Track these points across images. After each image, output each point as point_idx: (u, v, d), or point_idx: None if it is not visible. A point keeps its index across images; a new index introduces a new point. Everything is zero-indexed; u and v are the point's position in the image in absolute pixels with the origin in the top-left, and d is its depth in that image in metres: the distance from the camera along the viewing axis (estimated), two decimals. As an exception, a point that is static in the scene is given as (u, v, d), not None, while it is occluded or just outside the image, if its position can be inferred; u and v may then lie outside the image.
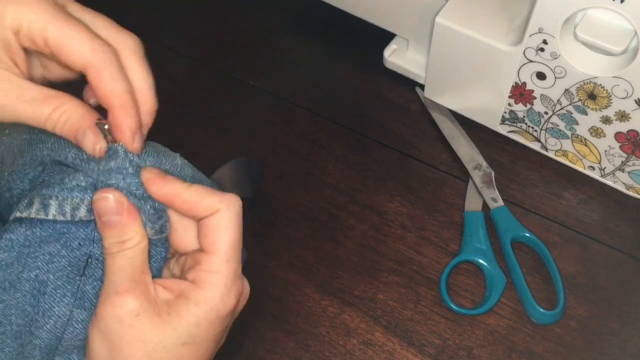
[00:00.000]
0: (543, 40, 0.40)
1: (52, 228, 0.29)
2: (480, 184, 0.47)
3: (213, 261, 0.29)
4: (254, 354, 0.41)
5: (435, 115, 0.50)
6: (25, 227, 0.29)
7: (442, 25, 0.44)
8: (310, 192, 0.48)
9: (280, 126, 0.51)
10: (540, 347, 0.41)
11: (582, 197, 0.46)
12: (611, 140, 0.42)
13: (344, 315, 0.42)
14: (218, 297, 0.29)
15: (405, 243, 0.45)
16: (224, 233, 0.29)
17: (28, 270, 0.29)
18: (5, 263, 0.29)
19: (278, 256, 0.45)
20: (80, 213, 0.29)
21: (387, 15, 0.50)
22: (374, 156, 0.49)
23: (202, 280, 0.29)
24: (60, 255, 0.30)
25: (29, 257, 0.29)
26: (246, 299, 0.32)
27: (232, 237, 0.29)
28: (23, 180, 0.32)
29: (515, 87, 0.44)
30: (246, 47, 0.56)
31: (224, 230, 0.29)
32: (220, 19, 0.58)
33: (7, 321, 0.30)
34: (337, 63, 0.55)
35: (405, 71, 0.52)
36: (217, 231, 0.29)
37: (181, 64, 0.56)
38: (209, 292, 0.29)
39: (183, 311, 0.28)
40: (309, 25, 0.57)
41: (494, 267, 0.43)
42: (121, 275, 0.28)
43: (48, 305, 0.30)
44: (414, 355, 0.41)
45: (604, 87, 0.40)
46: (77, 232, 0.30)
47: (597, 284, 0.43)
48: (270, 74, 0.54)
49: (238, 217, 0.30)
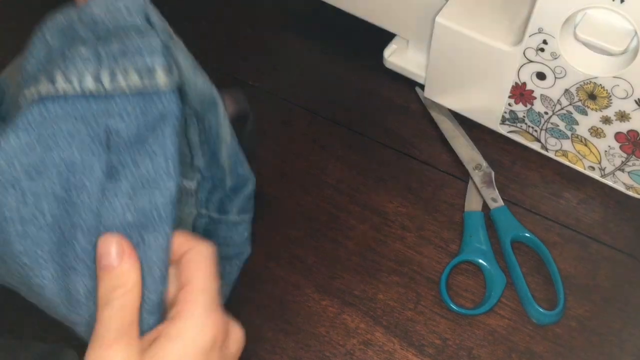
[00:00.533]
0: (543, 40, 0.40)
1: (64, 104, 0.28)
2: (480, 184, 0.47)
3: (188, 292, 0.28)
4: (254, 354, 0.41)
5: (435, 115, 0.50)
6: (39, 106, 0.28)
7: (442, 25, 0.44)
8: (310, 192, 0.48)
9: (280, 126, 0.51)
10: (540, 347, 0.41)
11: (582, 197, 0.46)
12: (611, 141, 0.42)
13: (344, 315, 0.42)
14: (193, 327, 0.27)
15: (405, 243, 0.45)
16: (197, 266, 0.29)
17: (51, 152, 0.28)
18: (28, 146, 0.28)
19: (278, 256, 0.45)
20: (87, 83, 0.29)
21: (387, 15, 0.50)
22: (374, 156, 0.49)
23: (178, 313, 0.28)
24: (79, 131, 0.29)
25: (49, 138, 0.28)
26: (239, 343, 0.31)
27: (206, 270, 0.29)
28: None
29: (515, 87, 0.44)
30: (246, 47, 0.56)
31: (197, 264, 0.29)
32: (220, 19, 0.58)
33: (40, 214, 0.28)
34: (337, 63, 0.55)
35: (405, 71, 0.52)
36: (191, 265, 0.29)
37: (181, 64, 0.56)
38: (182, 322, 0.27)
39: (162, 351, 0.27)
40: (309, 25, 0.58)
41: (494, 267, 0.43)
42: (109, 327, 0.27)
43: (80, 182, 0.29)
44: (414, 355, 0.41)
45: (604, 87, 0.40)
46: (89, 106, 0.29)
47: (597, 284, 0.43)
48: (270, 74, 0.54)
49: (211, 253, 0.29)
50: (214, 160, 0.36)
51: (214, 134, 0.35)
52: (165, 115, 0.30)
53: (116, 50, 0.29)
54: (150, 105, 0.30)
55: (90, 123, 0.29)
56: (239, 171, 0.37)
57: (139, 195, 0.29)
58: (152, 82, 0.30)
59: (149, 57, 0.30)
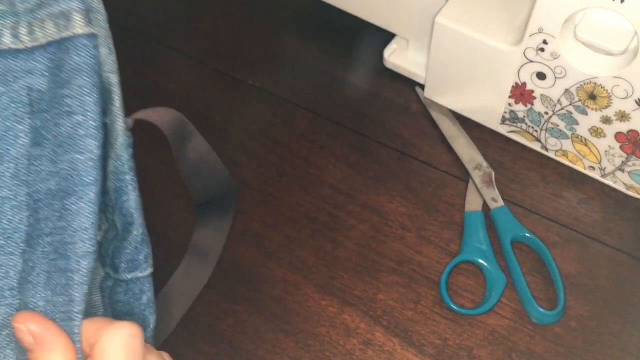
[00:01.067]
0: (543, 40, 0.40)
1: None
2: (480, 184, 0.47)
3: None
4: (254, 354, 0.41)
5: (435, 115, 0.50)
6: None
7: (442, 25, 0.44)
8: (310, 192, 0.48)
9: (280, 126, 0.51)
10: (540, 347, 0.41)
11: (582, 197, 0.46)
12: (611, 140, 0.42)
13: (344, 315, 0.42)
14: None
15: (405, 243, 0.45)
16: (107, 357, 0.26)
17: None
18: None
19: (278, 256, 0.45)
20: (5, 39, 0.27)
21: (387, 15, 0.50)
22: (374, 156, 0.49)
23: None
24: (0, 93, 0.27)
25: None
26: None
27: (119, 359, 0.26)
28: None
29: (515, 87, 0.44)
30: (246, 46, 0.56)
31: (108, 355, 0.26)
32: (221, 19, 0.58)
33: None
34: (336, 63, 0.55)
35: (405, 71, 0.52)
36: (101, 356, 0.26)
37: (182, 63, 0.56)
38: None
39: None
40: (309, 24, 0.57)
41: (494, 267, 0.43)
42: None
43: (3, 150, 0.26)
44: (414, 355, 0.41)
45: (604, 87, 0.40)
46: (8, 64, 0.27)
47: (598, 284, 0.43)
48: (270, 74, 0.54)
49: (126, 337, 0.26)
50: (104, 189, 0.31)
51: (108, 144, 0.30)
52: (81, 66, 0.28)
53: (33, 2, 0.27)
54: (66, 56, 0.27)
55: (10, 84, 0.27)
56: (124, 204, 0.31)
57: (60, 159, 0.27)
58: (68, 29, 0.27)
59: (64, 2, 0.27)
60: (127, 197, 0.30)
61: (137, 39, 0.57)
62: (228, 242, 0.45)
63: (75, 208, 0.27)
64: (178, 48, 0.56)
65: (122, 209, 0.30)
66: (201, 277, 0.43)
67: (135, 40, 0.57)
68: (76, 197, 0.27)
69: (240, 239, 0.46)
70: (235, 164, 0.49)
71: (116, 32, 0.30)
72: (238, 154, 0.50)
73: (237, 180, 0.48)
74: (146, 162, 0.39)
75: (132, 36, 0.57)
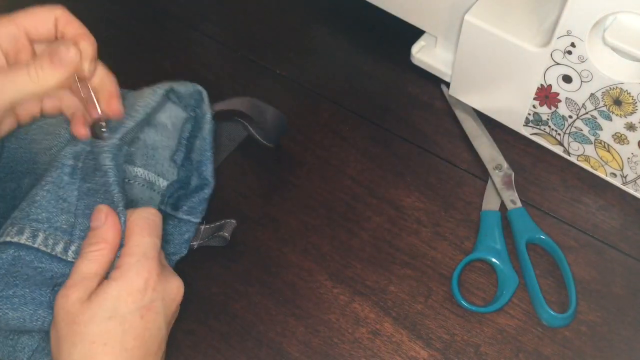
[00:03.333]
0: (571, 43, 0.40)
1: (34, 255, 0.37)
2: (499, 184, 0.47)
3: (127, 247, 0.36)
4: (264, 335, 0.42)
5: (459, 114, 0.51)
6: (14, 250, 0.37)
7: (471, 24, 0.44)
8: (330, 182, 0.48)
9: (304, 115, 0.52)
10: (548, 349, 0.41)
11: (602, 203, 0.46)
12: (634, 148, 0.42)
13: (355, 304, 0.43)
14: (130, 272, 0.35)
15: (420, 238, 0.45)
16: (134, 227, 0.37)
17: (7, 288, 0.36)
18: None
19: (294, 242, 0.46)
20: (58, 248, 0.37)
21: (417, 11, 0.51)
22: (395, 150, 0.50)
23: (119, 264, 0.36)
24: (36, 279, 0.37)
25: (11, 276, 0.36)
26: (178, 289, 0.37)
27: (143, 228, 0.37)
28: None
29: (541, 89, 0.44)
30: (277, 36, 0.57)
31: (135, 225, 0.37)
32: (254, 8, 0.59)
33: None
34: (364, 56, 0.55)
35: (432, 68, 0.52)
36: (130, 226, 0.37)
37: (214, 49, 0.57)
38: (123, 270, 0.35)
39: (106, 289, 0.34)
40: (338, 17, 0.58)
41: (507, 267, 0.43)
42: (75, 273, 0.35)
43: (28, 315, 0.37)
44: (421, 348, 0.41)
45: (630, 93, 0.39)
46: (51, 264, 0.37)
47: (611, 291, 0.43)
48: (298, 64, 0.55)
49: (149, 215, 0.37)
50: (187, 157, 0.43)
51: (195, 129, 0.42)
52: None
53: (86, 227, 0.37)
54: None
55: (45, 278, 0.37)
56: (203, 172, 0.43)
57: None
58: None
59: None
60: (206, 167, 0.43)
61: (172, 23, 0.58)
62: (245, 225, 0.46)
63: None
64: (211, 35, 0.57)
65: (200, 175, 0.43)
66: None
67: (170, 25, 0.58)
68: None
69: (258, 223, 0.47)
70: (257, 149, 0.50)
71: (153, 17, 0.31)
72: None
73: (258, 166, 0.49)
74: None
75: (168, 21, 0.59)
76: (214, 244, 0.45)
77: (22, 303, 0.36)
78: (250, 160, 0.50)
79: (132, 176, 0.43)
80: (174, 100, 0.44)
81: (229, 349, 0.42)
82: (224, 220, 0.45)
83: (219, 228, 0.45)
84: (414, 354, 0.41)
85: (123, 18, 0.59)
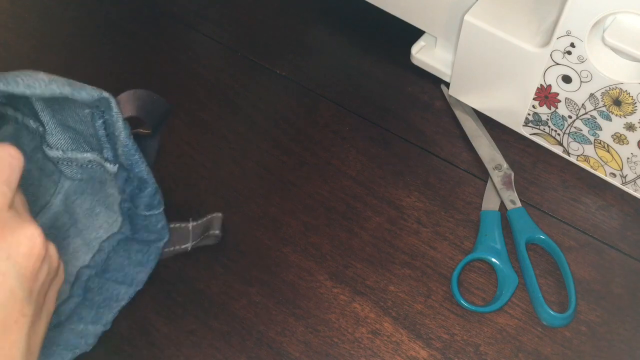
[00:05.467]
0: (571, 43, 0.40)
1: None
2: (499, 184, 0.47)
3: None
4: (264, 335, 0.42)
5: (459, 114, 0.51)
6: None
7: (471, 24, 0.44)
8: (330, 182, 0.48)
9: (304, 116, 0.52)
10: (548, 349, 0.41)
11: (601, 203, 0.46)
12: (634, 148, 0.42)
13: (355, 304, 0.43)
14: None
15: (420, 238, 0.45)
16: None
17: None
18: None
19: (294, 242, 0.46)
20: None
21: (416, 12, 0.51)
22: (394, 150, 0.50)
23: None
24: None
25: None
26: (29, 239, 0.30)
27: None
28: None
29: (541, 89, 0.44)
30: (277, 36, 0.57)
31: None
32: (254, 8, 0.59)
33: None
34: (364, 57, 0.55)
35: (432, 68, 0.52)
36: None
37: (213, 49, 0.57)
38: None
39: None
40: (338, 17, 0.58)
41: (507, 267, 0.43)
42: None
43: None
44: (420, 347, 0.41)
45: (630, 93, 0.39)
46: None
47: (611, 291, 0.43)
48: (298, 64, 0.55)
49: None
50: (115, 156, 0.43)
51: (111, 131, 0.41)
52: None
53: None
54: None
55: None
56: (138, 173, 0.42)
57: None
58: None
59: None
60: (139, 168, 0.41)
61: (171, 24, 0.58)
62: (245, 225, 0.46)
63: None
64: (210, 35, 0.57)
65: (137, 176, 0.42)
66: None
67: (170, 26, 0.58)
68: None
69: (258, 223, 0.47)
70: (258, 149, 0.50)
71: (152, 17, 0.31)
72: (261, 141, 0.51)
73: (259, 166, 0.49)
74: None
75: (167, 21, 0.59)
76: (208, 242, 0.45)
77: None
78: (250, 160, 0.50)
79: (85, 162, 0.45)
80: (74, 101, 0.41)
81: (229, 349, 0.42)
82: (210, 215, 0.45)
83: (207, 224, 0.45)
84: (414, 354, 0.41)
85: (123, 18, 0.59)
